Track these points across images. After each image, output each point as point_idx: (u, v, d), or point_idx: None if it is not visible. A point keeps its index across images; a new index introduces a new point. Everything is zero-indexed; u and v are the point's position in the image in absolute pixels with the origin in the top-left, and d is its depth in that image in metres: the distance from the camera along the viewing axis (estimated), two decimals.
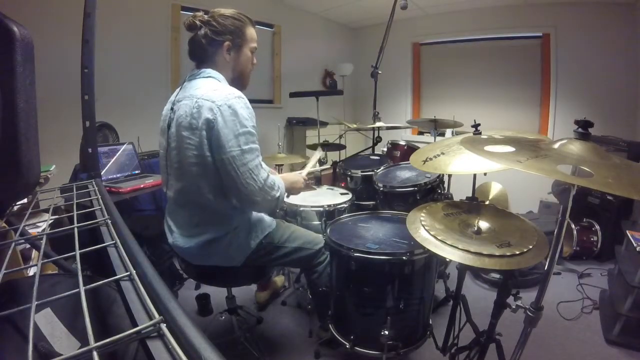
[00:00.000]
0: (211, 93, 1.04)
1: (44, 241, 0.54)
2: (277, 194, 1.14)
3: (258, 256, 1.23)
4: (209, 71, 1.13)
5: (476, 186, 1.62)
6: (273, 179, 1.13)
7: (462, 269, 1.31)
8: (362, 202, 1.98)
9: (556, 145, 0.85)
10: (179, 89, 1.18)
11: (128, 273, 0.44)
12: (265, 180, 1.09)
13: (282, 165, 2.27)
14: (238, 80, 1.21)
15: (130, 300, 0.40)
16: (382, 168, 1.98)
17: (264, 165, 1.13)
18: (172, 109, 1.14)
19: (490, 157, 0.83)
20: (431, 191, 1.71)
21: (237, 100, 1.04)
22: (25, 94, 0.52)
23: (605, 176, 0.69)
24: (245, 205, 1.15)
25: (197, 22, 1.11)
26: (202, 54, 1.15)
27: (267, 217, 1.31)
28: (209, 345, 0.30)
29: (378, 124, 2.32)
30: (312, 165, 1.58)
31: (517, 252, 0.90)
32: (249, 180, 1.05)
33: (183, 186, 1.12)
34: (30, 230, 0.89)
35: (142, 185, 1.72)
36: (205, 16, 1.12)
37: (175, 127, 1.10)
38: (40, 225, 1.12)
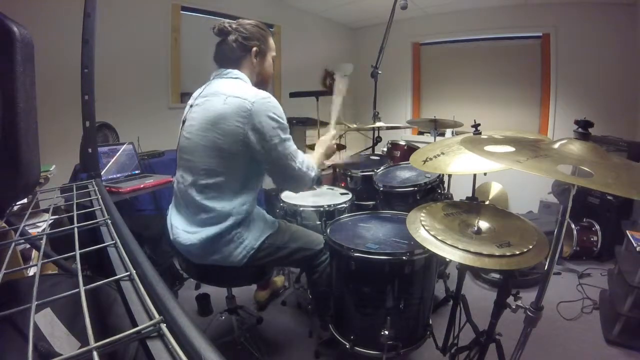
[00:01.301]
0: (241, 91, 1.10)
1: (44, 241, 0.54)
2: (313, 174, 1.24)
3: (260, 257, 1.23)
4: (237, 72, 1.19)
5: (476, 186, 1.62)
6: (308, 160, 1.24)
7: (462, 269, 1.31)
8: (362, 202, 1.98)
9: (556, 145, 0.85)
10: (204, 86, 1.23)
11: (128, 273, 0.44)
12: (303, 162, 1.20)
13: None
14: (261, 86, 1.25)
15: (130, 300, 0.40)
16: (382, 168, 1.98)
17: (298, 150, 1.22)
18: (194, 104, 1.19)
19: (490, 157, 0.83)
20: (431, 191, 1.71)
21: (269, 98, 1.12)
22: (25, 94, 0.52)
23: (605, 176, 0.69)
24: (289, 186, 1.26)
25: (228, 27, 1.18)
26: (230, 57, 1.20)
27: (269, 218, 1.33)
28: (209, 345, 0.30)
29: (378, 124, 2.32)
30: (335, 117, 1.53)
31: (517, 252, 0.90)
32: (291, 163, 1.16)
33: (198, 178, 1.15)
34: (30, 230, 0.89)
35: (142, 185, 1.72)
36: (233, 24, 1.20)
37: (198, 122, 1.13)
38: (40, 225, 1.12)
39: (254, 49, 1.20)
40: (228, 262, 1.19)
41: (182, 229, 1.20)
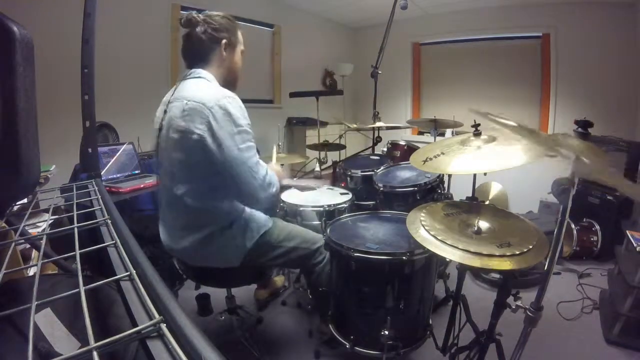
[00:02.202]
0: (200, 94, 1.04)
1: (44, 241, 0.54)
2: (274, 190, 1.14)
3: (255, 256, 1.22)
4: (199, 71, 1.13)
5: (476, 186, 1.62)
6: (270, 175, 1.14)
7: (462, 269, 1.30)
8: (362, 202, 1.98)
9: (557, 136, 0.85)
10: (172, 90, 1.18)
11: (128, 273, 0.44)
12: (264, 178, 1.10)
13: (282, 165, 2.28)
14: (231, 80, 1.22)
15: (130, 300, 0.40)
16: (382, 168, 1.98)
17: (261, 162, 1.12)
18: (165, 110, 1.13)
19: (497, 124, 0.82)
20: (431, 191, 1.71)
21: (228, 99, 1.04)
22: (25, 94, 0.52)
23: (604, 166, 0.69)
24: (248, 202, 1.17)
25: (197, 18, 1.12)
26: (197, 52, 1.15)
27: (262, 216, 1.29)
28: (209, 345, 0.30)
29: (378, 124, 2.32)
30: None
31: (517, 252, 0.90)
32: (250, 179, 1.06)
33: (174, 185, 1.12)
34: (30, 230, 0.89)
35: (142, 185, 1.73)
36: (201, 15, 1.14)
37: (166, 129, 1.10)
38: (40, 225, 1.12)
39: (224, 41, 1.15)
40: (223, 264, 1.19)
41: (170, 234, 1.20)
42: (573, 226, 2.48)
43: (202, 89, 1.07)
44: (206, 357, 0.29)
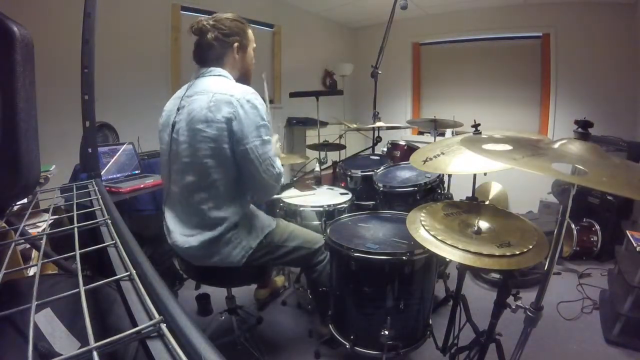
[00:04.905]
0: (228, 88, 1.09)
1: (44, 241, 0.54)
2: (282, 181, 1.24)
3: (259, 256, 1.23)
4: (219, 70, 1.17)
5: (476, 186, 1.62)
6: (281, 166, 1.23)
7: (462, 269, 1.31)
8: (362, 202, 1.98)
9: (556, 145, 0.85)
10: (186, 86, 1.21)
11: (128, 273, 0.44)
12: (280, 168, 1.18)
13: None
14: (244, 79, 1.24)
15: (130, 300, 0.40)
16: (382, 168, 1.98)
17: (277, 156, 1.20)
18: (180, 107, 1.15)
19: (486, 155, 0.83)
20: (431, 191, 1.71)
21: (254, 96, 1.11)
22: (25, 94, 0.52)
23: (600, 174, 0.69)
24: (262, 193, 1.22)
25: (207, 25, 1.14)
26: (211, 56, 1.18)
27: (266, 216, 1.33)
28: (209, 345, 0.30)
29: (378, 124, 2.32)
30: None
31: (517, 252, 0.90)
32: (270, 168, 1.13)
33: (192, 180, 1.12)
34: (30, 230, 0.89)
35: (142, 185, 1.72)
36: (211, 20, 1.16)
37: (186, 122, 1.11)
38: (40, 225, 1.12)
39: (236, 44, 1.18)
40: (227, 263, 1.19)
41: (179, 233, 1.19)
42: (573, 226, 2.48)
43: (231, 84, 1.12)
44: (206, 357, 0.29)
